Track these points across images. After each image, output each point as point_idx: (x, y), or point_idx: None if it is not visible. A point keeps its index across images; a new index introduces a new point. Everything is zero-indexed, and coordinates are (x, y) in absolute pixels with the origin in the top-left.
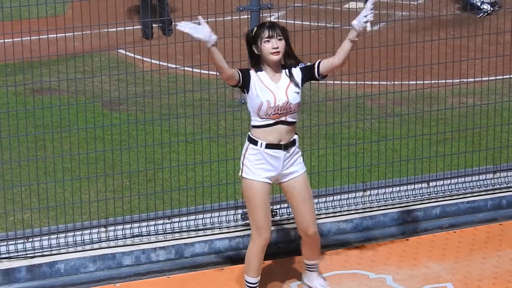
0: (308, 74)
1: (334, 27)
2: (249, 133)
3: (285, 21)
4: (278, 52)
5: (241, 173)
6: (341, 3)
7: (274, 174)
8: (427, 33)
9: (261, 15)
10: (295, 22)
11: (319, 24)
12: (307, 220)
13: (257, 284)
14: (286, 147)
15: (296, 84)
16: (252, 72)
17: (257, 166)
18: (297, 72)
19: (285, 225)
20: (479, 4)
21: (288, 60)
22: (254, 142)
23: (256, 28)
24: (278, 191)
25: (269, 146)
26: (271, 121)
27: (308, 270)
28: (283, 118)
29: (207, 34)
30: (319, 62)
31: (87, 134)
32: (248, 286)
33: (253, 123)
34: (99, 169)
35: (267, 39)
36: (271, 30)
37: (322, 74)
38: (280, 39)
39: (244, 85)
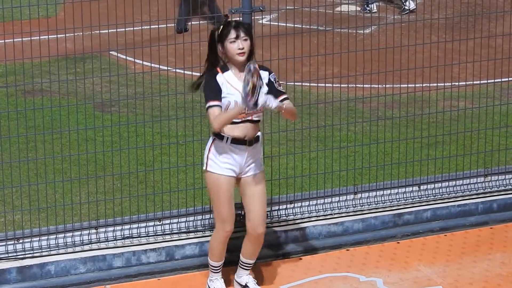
0: (271, 90)
1: (326, 29)
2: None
3: (276, 23)
4: (244, 53)
5: (206, 166)
6: (333, 6)
7: (237, 169)
8: (418, 36)
9: (253, 17)
10: (287, 24)
11: (311, 27)
12: (258, 218)
13: (220, 265)
14: (251, 142)
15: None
16: (218, 75)
17: (222, 160)
18: (264, 76)
19: (277, 228)
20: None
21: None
22: (220, 137)
23: (222, 27)
24: (269, 193)
25: (234, 140)
26: (238, 120)
27: (242, 267)
28: (249, 117)
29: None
30: (283, 98)
31: (78, 136)
32: (212, 268)
33: None
34: (90, 171)
35: (233, 39)
36: (237, 31)
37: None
38: (245, 40)
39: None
